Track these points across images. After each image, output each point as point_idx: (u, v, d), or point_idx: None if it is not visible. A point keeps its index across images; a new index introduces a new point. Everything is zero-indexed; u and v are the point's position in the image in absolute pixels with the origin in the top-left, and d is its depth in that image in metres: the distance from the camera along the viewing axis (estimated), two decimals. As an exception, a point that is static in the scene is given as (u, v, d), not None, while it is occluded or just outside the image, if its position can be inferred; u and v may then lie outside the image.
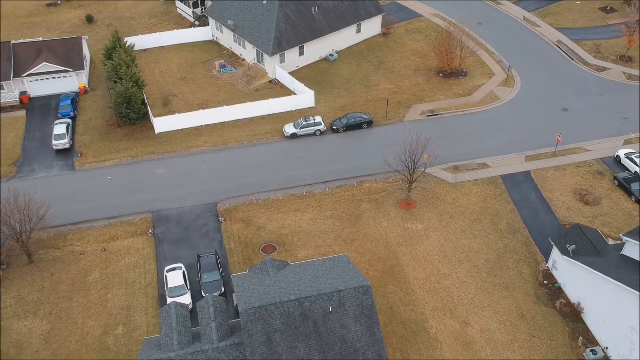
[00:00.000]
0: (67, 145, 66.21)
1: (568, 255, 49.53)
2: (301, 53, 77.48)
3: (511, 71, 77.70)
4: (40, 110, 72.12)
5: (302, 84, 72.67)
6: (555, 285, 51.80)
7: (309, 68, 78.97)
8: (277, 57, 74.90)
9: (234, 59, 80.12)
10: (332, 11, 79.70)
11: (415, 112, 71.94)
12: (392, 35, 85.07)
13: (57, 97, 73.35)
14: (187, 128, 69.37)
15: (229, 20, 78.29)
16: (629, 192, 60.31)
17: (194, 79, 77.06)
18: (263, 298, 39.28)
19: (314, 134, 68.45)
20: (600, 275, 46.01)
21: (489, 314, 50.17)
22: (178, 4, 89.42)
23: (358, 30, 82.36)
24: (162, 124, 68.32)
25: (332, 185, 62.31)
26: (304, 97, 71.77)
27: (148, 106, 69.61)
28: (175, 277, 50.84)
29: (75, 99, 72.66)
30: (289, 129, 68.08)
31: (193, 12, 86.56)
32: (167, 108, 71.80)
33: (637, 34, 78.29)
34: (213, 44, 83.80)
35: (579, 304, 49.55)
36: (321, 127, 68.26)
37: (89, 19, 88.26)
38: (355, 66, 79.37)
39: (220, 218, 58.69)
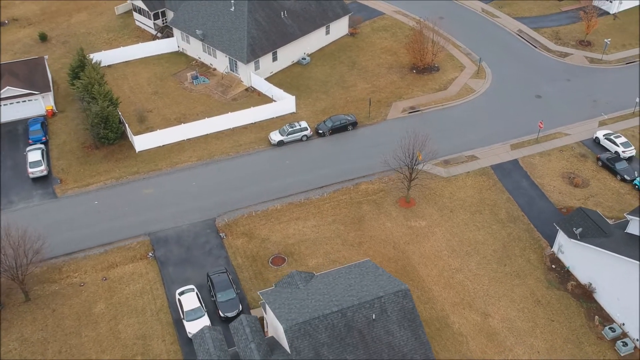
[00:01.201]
0: (45, 172, 62.81)
1: (576, 239, 50.94)
2: (275, 59, 76.47)
3: (481, 63, 79.31)
4: (8, 137, 68.09)
5: (282, 90, 71.71)
6: (565, 268, 53.20)
7: (283, 73, 78.05)
8: (252, 64, 73.57)
9: (204, 70, 78.17)
10: (301, 14, 79.04)
11: (396, 110, 72.33)
12: (359, 35, 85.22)
13: (24, 123, 69.55)
14: (169, 144, 67.18)
15: (197, 30, 76.27)
16: (613, 172, 62.70)
17: (167, 93, 74.69)
18: (304, 313, 38.42)
19: (300, 140, 67.69)
20: (612, 254, 47.61)
21: (506, 304, 51.00)
22: (136, 16, 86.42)
23: (327, 32, 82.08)
24: (143, 141, 65.85)
25: (328, 190, 61.77)
26: (285, 103, 70.84)
27: (126, 125, 66.90)
28: (189, 300, 49.06)
29: (44, 122, 69.00)
30: (275, 136, 67.03)
31: (154, 23, 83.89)
32: (144, 125, 69.28)
33: (596, 19, 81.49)
34: (180, 55, 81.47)
35: (590, 284, 51.06)
36: (307, 132, 67.58)
37: (43, 38, 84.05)
38: (329, 68, 79.04)
39: (221, 234, 57.12)
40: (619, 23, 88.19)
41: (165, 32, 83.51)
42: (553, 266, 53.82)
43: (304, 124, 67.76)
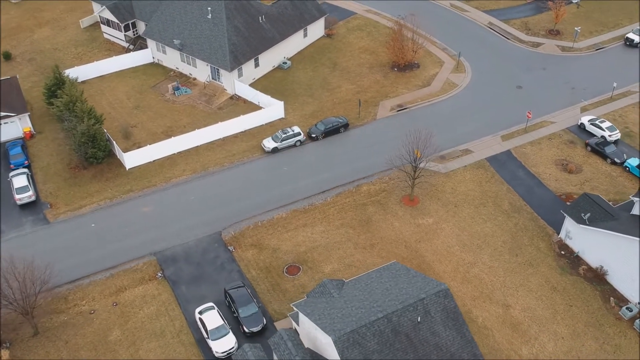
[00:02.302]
0: (33, 198, 59.83)
1: (585, 224, 52.21)
2: (257, 65, 75.33)
3: (460, 57, 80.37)
4: (-14, 163, 64.72)
5: (269, 96, 70.70)
6: (574, 254, 54.43)
7: (266, 79, 76.99)
8: (235, 72, 72.20)
9: (184, 80, 76.23)
10: (279, 18, 78.14)
11: (384, 109, 72.46)
12: (336, 36, 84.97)
13: (2, 146, 66.00)
14: (160, 159, 65.21)
15: (174, 40, 74.27)
16: (603, 156, 64.62)
17: (149, 106, 72.47)
18: (349, 322, 37.84)
19: (294, 145, 66.91)
20: (625, 236, 49.02)
21: (524, 293, 51.78)
22: (104, 29, 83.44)
23: (305, 35, 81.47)
24: (133, 158, 63.64)
25: (330, 194, 61.27)
26: (273, 109, 69.86)
27: (113, 142, 64.47)
28: (212, 318, 47.65)
29: (24, 145, 65.77)
30: (269, 143, 66.00)
31: (125, 35, 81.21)
32: (131, 141, 66.98)
33: (564, 8, 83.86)
34: (156, 66, 79.17)
35: (602, 267, 52.41)
36: (301, 137, 66.85)
37: (7, 56, 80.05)
38: (311, 71, 78.45)
39: (229, 247, 55.79)
40: (583, 11, 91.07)
41: (138, 43, 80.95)
42: (562, 252, 55.01)
43: (297, 129, 66.98)
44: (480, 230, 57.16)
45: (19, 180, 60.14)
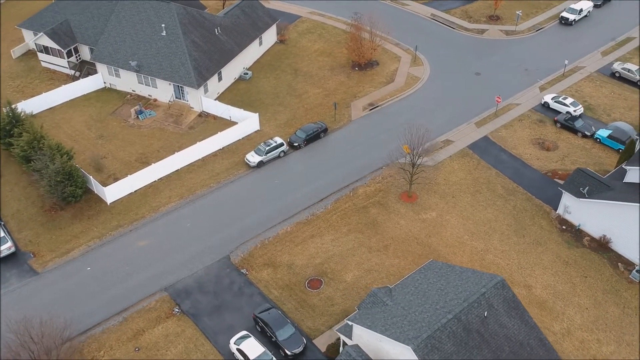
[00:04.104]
0: (13, 249, 54.76)
1: (584, 197, 54.71)
2: (220, 78, 72.83)
3: (416, 51, 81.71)
4: (-52, 218, 58.35)
5: (241, 110, 68.62)
6: (576, 227, 56.88)
7: (230, 92, 74.66)
8: (202, 88, 69.45)
9: (144, 102, 72.36)
10: (234, 29, 75.99)
11: (356, 109, 72.38)
12: (289, 41, 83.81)
13: (-40, 198, 59.93)
14: (141, 188, 61.61)
15: (130, 62, 70.25)
16: (573, 131, 67.99)
17: (114, 134, 68.20)
18: (420, 327, 37.41)
19: (278, 156, 65.39)
20: (626, 203, 51.85)
21: (540, 272, 53.52)
22: (43, 57, 77.44)
23: (260, 43, 79.77)
24: (114, 192, 59.71)
25: (329, 201, 60.44)
26: (249, 122, 67.87)
27: (90, 177, 60.06)
28: (252, 347, 45.62)
29: (-13, 193, 60.04)
30: (253, 158, 64.09)
31: (68, 62, 75.84)
32: (105, 173, 62.77)
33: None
34: (109, 91, 74.57)
35: (605, 236, 55.14)
36: (284, 147, 65.44)
37: None
38: (273, 79, 76.92)
39: (242, 270, 53.67)
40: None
41: (85, 69, 75.86)
42: (563, 227, 57.36)
43: (279, 139, 65.46)
44: (484, 217, 58.46)
45: (-6, 232, 54.85)
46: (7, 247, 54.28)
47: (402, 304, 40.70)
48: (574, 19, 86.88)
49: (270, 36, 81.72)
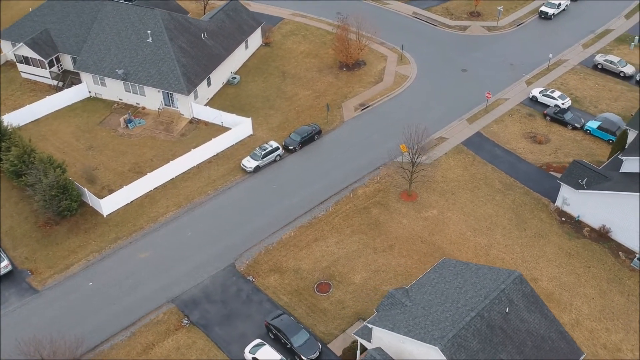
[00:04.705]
0: (10, 268, 53.14)
1: (583, 189, 55.56)
2: (209, 84, 71.88)
3: (402, 50, 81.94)
4: (-62, 239, 56.26)
5: (234, 115, 67.84)
6: (575, 219, 57.72)
7: (219, 97, 73.78)
8: (192, 94, 68.43)
9: (132, 110, 70.96)
10: (220, 33, 75.12)
11: (348, 109, 72.25)
12: (274, 44, 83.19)
13: (-51, 217, 57.85)
14: (137, 198, 60.40)
15: (117, 70, 68.82)
16: (563, 123, 69.01)
17: (104, 145, 66.71)
18: (444, 327, 37.40)
19: (274, 161, 64.83)
20: (626, 193, 52.82)
21: (544, 264, 54.16)
22: (22, 67, 75.27)
23: (246, 47, 79.01)
24: (110, 204, 58.40)
25: (329, 203, 60.15)
26: (242, 127, 67.13)
27: (85, 189, 58.62)
28: (267, 354, 45.12)
29: (-23, 211, 58.10)
30: (249, 163, 63.41)
31: (50, 72, 73.90)
32: (98, 185, 61.37)
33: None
34: (95, 101, 72.93)
35: (604, 226, 56.06)
36: (280, 151, 64.92)
37: None
38: (262, 82, 76.27)
39: (248, 277, 53.02)
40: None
41: (69, 79, 74.02)
42: (563, 219, 58.15)
43: (274, 143, 64.90)
44: (484, 212, 58.90)
45: (-11, 251, 53.11)
46: (4, 266, 52.64)
47: (421, 304, 40.66)
48: (553, 13, 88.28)
49: (255, 39, 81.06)
